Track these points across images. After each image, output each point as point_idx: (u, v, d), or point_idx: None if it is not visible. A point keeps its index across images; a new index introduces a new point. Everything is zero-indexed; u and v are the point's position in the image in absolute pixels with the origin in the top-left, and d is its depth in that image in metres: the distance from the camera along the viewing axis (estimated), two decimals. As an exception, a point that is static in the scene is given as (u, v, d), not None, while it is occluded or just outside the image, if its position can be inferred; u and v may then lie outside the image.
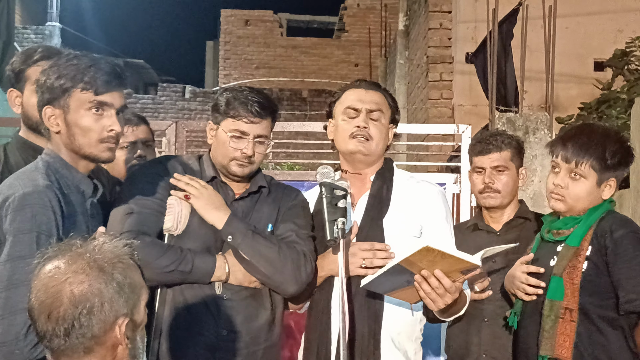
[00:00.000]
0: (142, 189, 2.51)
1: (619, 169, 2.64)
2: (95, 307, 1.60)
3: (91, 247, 1.68)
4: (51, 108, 2.25)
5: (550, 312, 2.55)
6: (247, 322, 2.50)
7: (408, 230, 2.63)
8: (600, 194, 2.63)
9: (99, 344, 1.62)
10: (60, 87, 2.23)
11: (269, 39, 18.94)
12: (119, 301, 1.63)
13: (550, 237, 2.69)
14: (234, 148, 2.53)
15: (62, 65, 2.25)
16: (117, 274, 1.65)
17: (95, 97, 2.24)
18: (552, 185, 2.66)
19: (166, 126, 5.60)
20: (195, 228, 2.51)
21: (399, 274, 2.38)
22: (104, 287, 1.62)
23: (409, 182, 2.76)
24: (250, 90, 2.59)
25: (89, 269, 1.63)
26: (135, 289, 1.69)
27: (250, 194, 2.63)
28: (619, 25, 8.68)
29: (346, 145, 2.69)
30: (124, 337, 1.64)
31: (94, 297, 1.61)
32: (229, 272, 2.47)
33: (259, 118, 2.53)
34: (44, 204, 2.11)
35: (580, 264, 2.54)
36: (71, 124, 2.25)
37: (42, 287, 1.63)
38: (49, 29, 18.55)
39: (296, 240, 2.54)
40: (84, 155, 2.28)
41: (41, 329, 1.63)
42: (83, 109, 2.24)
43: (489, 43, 6.13)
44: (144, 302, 1.73)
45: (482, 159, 3.18)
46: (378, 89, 2.76)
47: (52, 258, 1.66)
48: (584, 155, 2.60)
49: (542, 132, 5.44)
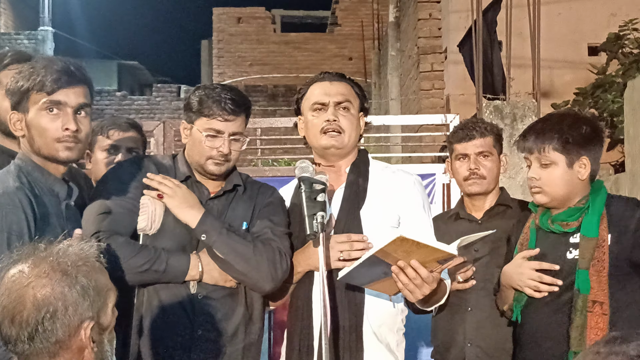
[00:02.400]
0: (115, 189, 2.50)
1: (587, 146, 2.60)
2: (58, 311, 1.59)
3: (55, 250, 1.67)
4: (16, 113, 2.27)
5: (582, 306, 2.50)
6: (223, 321, 2.49)
7: (386, 220, 2.61)
8: (577, 175, 2.60)
9: (64, 348, 1.61)
10: (19, 91, 2.24)
11: (262, 35, 18.93)
12: (84, 305, 1.62)
13: (558, 229, 2.63)
14: (210, 147, 2.52)
15: (22, 69, 2.27)
16: (81, 277, 1.64)
17: (48, 96, 2.24)
18: (529, 180, 2.65)
19: (154, 126, 5.61)
20: (170, 227, 2.50)
21: (375, 265, 2.36)
22: (67, 291, 1.61)
23: (384, 172, 2.74)
24: (222, 87, 2.57)
25: (52, 272, 1.62)
26: (101, 291, 1.67)
27: (226, 193, 2.61)
28: (611, 9, 8.64)
29: (318, 141, 2.68)
30: (90, 340, 1.63)
31: (57, 300, 1.59)
32: (202, 271, 2.46)
33: (233, 116, 2.52)
34: (14, 204, 2.12)
35: (606, 255, 2.51)
36: (30, 126, 2.26)
37: (5, 291, 1.62)
38: (42, 34, 18.52)
39: (272, 238, 2.52)
40: (44, 156, 2.28)
41: (5, 334, 1.62)
42: (39, 109, 2.25)
43: (474, 31, 6.11)
44: (111, 304, 1.71)
45: (465, 145, 3.17)
46: (343, 79, 2.74)
47: (16, 262, 1.65)
48: (543, 140, 2.59)
49: (530, 119, 5.42)
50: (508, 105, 5.57)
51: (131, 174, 2.56)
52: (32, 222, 2.13)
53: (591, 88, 6.95)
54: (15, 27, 20.09)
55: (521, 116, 5.52)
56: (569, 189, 2.61)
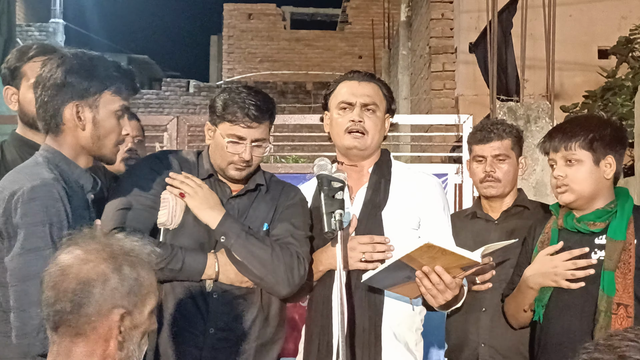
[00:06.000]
0: (136, 184, 2.51)
1: (613, 146, 2.61)
2: (95, 288, 1.63)
3: (110, 237, 1.74)
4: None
5: (606, 308, 2.50)
6: (237, 320, 2.50)
7: (407, 222, 2.62)
8: (602, 174, 2.60)
9: (91, 329, 1.64)
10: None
11: (272, 32, 18.94)
12: (121, 291, 1.65)
13: (584, 228, 2.62)
14: (232, 153, 2.50)
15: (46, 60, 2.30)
16: (125, 266, 1.67)
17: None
18: (554, 180, 2.65)
19: (167, 121, 5.61)
20: (190, 225, 2.50)
21: (399, 270, 2.38)
22: (109, 273, 1.65)
23: (406, 173, 2.75)
24: (248, 91, 2.53)
25: (100, 253, 1.67)
26: (142, 287, 1.69)
27: (248, 192, 2.61)
28: (622, 12, 8.62)
29: (341, 140, 2.68)
30: (117, 329, 1.65)
31: (98, 277, 1.64)
32: (218, 271, 2.46)
33: (256, 122, 2.49)
34: (53, 196, 2.12)
35: (632, 259, 2.51)
36: (98, 125, 2.30)
37: (55, 265, 1.68)
38: (53, 26, 18.57)
39: (291, 242, 2.52)
40: (99, 155, 2.33)
41: (45, 297, 1.67)
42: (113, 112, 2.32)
43: (488, 32, 6.10)
44: (149, 306, 1.72)
45: (482, 147, 3.17)
46: (372, 80, 2.73)
47: (70, 244, 1.71)
48: (571, 138, 2.60)
49: (544, 120, 5.42)
50: (522, 107, 5.57)
51: (153, 169, 2.56)
52: (69, 213, 2.15)
53: (601, 91, 6.93)
54: (27, 19, 20.13)
55: (535, 118, 5.51)
56: (595, 187, 2.60)
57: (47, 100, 2.24)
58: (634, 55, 7.18)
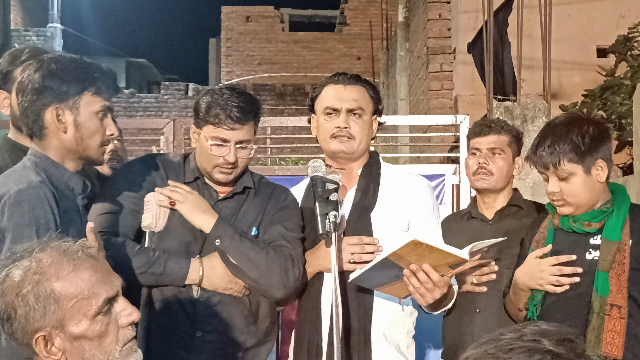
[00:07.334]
0: (121, 188, 2.50)
1: (599, 148, 2.57)
2: (11, 318, 1.60)
3: (41, 250, 1.65)
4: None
5: (599, 309, 2.49)
6: (224, 323, 2.48)
7: (396, 223, 2.61)
8: (596, 179, 2.58)
9: (34, 353, 1.61)
10: None
11: (270, 34, 18.95)
12: (35, 315, 1.59)
13: (580, 228, 2.60)
14: (216, 155, 2.48)
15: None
16: (32, 290, 1.58)
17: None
18: (550, 195, 2.62)
19: (164, 124, 5.61)
20: (176, 227, 2.49)
21: (387, 268, 2.36)
22: (17, 302, 1.59)
23: (395, 175, 2.73)
24: (230, 92, 2.49)
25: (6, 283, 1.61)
26: (60, 301, 1.59)
27: (235, 195, 2.59)
28: (621, 11, 8.60)
29: (328, 145, 2.66)
30: (43, 351, 1.59)
31: (12, 308, 1.59)
32: (202, 276, 2.44)
33: (239, 124, 2.45)
34: (40, 198, 2.12)
35: (626, 259, 2.49)
36: (80, 127, 2.29)
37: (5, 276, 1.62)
38: (51, 31, 18.58)
39: (284, 244, 2.50)
40: (87, 157, 2.32)
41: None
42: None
43: (484, 32, 6.09)
44: (86, 311, 1.61)
45: (479, 140, 3.17)
46: (357, 82, 2.69)
47: (24, 258, 1.64)
48: (557, 154, 2.54)
49: (541, 120, 5.40)
50: (519, 107, 5.56)
51: (139, 173, 2.54)
52: (57, 216, 2.14)
53: (599, 90, 6.92)
54: (24, 23, 20.15)
55: (532, 117, 5.50)
56: (591, 194, 2.58)
57: (28, 106, 2.24)
58: (633, 54, 7.17)
